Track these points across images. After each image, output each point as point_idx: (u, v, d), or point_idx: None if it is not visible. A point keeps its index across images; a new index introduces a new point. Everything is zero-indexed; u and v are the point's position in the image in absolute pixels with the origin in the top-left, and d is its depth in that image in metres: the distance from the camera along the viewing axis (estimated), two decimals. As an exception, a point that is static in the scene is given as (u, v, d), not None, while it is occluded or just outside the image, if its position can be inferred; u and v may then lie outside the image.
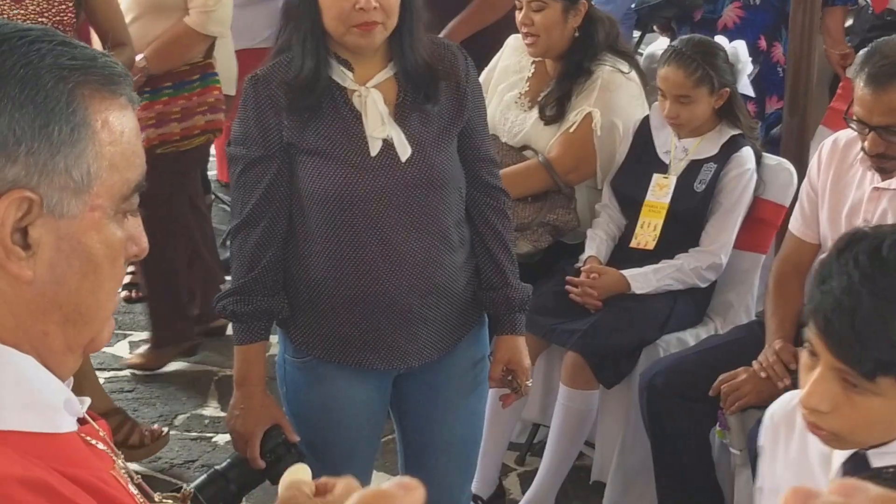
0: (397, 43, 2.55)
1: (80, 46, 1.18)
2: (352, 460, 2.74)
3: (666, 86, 3.60)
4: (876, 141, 2.98)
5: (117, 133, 1.17)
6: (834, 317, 1.63)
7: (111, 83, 1.18)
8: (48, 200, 1.13)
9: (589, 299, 3.60)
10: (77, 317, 1.18)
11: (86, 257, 1.16)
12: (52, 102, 1.13)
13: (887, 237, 1.66)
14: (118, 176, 1.17)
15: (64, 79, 1.14)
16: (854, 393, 1.66)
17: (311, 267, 2.59)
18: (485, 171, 2.71)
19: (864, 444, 1.72)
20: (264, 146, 2.54)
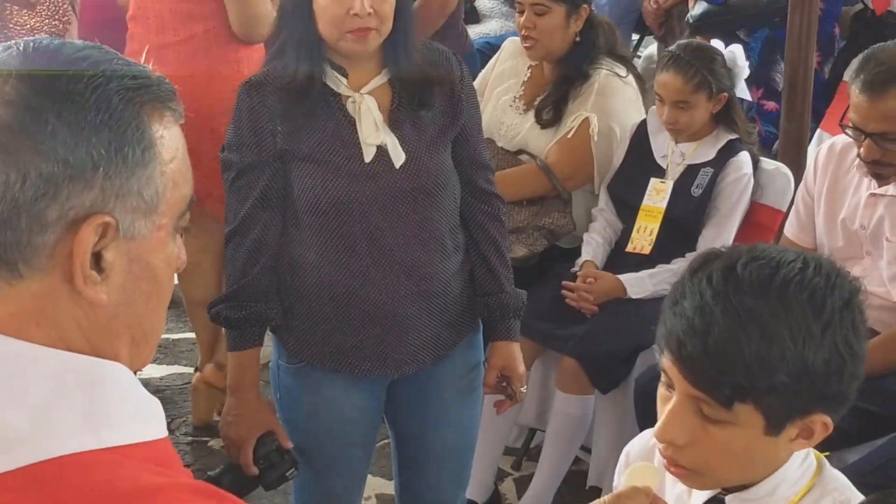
0: (391, 49, 2.54)
1: (132, 64, 1.19)
2: (345, 466, 2.74)
3: (664, 91, 3.59)
4: (871, 148, 2.97)
5: (174, 150, 1.18)
6: (686, 339, 1.49)
7: (166, 100, 1.18)
8: (122, 223, 1.13)
9: (585, 304, 3.59)
10: (142, 337, 1.19)
11: (153, 277, 1.17)
12: (124, 125, 1.13)
13: (742, 255, 1.53)
14: (178, 193, 1.18)
15: (130, 100, 1.14)
16: (711, 424, 1.52)
17: (305, 273, 2.58)
18: (479, 177, 2.70)
19: (725, 482, 1.61)
20: (258, 152, 2.53)
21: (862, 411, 2.96)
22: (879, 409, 3.01)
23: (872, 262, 3.15)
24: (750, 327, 1.46)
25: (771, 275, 1.50)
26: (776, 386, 1.47)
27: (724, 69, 3.60)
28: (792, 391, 1.48)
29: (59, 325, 1.13)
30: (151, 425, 1.15)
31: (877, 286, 3.12)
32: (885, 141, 2.96)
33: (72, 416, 1.09)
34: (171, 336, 4.95)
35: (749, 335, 1.46)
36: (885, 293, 3.11)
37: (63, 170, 1.10)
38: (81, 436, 1.08)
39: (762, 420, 1.51)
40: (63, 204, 1.10)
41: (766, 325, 1.47)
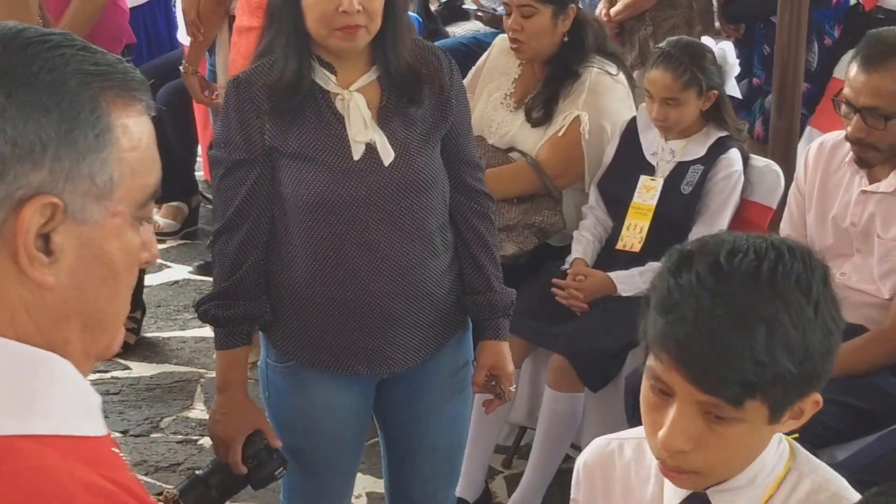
0: (380, 46, 2.53)
1: (99, 52, 1.18)
2: (335, 465, 2.73)
3: (654, 88, 3.59)
4: (859, 125, 2.99)
5: (136, 139, 1.17)
6: (692, 343, 1.45)
7: (131, 89, 1.18)
8: (72, 206, 1.13)
9: (575, 302, 3.58)
10: (95, 323, 1.18)
11: (106, 264, 1.17)
12: (77, 108, 1.13)
13: (720, 248, 1.50)
14: (138, 182, 1.17)
15: (88, 84, 1.14)
16: (719, 425, 1.50)
17: (294, 271, 2.57)
18: (469, 175, 2.69)
19: (726, 478, 1.60)
20: (246, 149, 2.52)
21: (852, 408, 2.97)
22: (869, 406, 3.02)
23: (862, 259, 3.16)
24: (754, 322, 1.45)
25: (757, 266, 1.49)
26: (784, 375, 1.46)
27: (714, 66, 3.59)
28: (797, 377, 1.48)
29: (6, 306, 1.13)
30: (83, 421, 1.14)
31: (867, 284, 3.12)
32: (873, 117, 2.98)
33: (1, 401, 1.09)
34: (161, 335, 4.94)
35: (754, 329, 1.45)
36: (875, 290, 3.11)
37: (11, 150, 1.10)
38: (6, 420, 1.08)
39: (766, 411, 1.51)
40: (10, 184, 1.10)
41: (768, 317, 1.46)
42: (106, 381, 4.56)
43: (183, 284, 5.44)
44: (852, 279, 3.15)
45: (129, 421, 4.26)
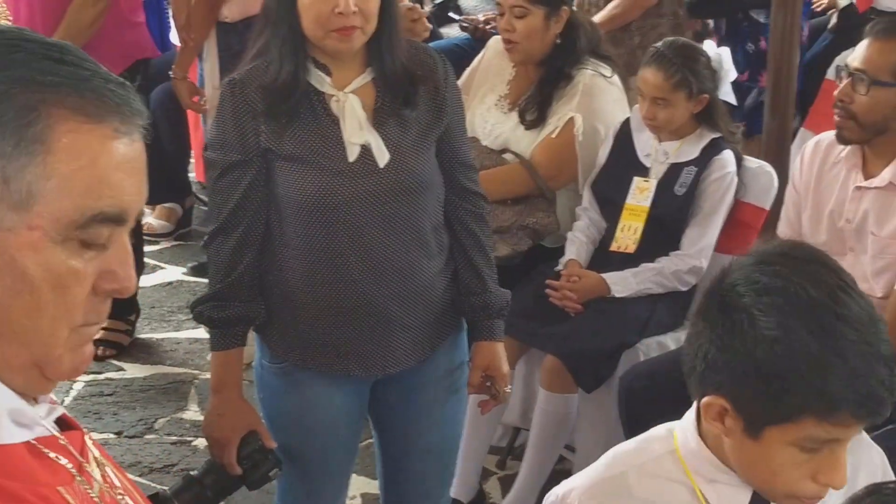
0: (376, 48, 2.53)
1: (80, 67, 1.14)
2: (329, 466, 2.73)
3: (645, 87, 3.60)
4: (846, 87, 3.06)
5: (85, 159, 1.12)
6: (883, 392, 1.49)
7: (96, 108, 1.13)
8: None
9: (569, 303, 3.59)
10: (10, 334, 1.14)
11: (19, 276, 1.12)
12: (3, 110, 1.10)
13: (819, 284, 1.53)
14: (69, 201, 1.12)
15: (30, 92, 1.11)
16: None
17: (289, 272, 2.57)
18: (463, 177, 2.69)
19: None
20: (241, 151, 2.52)
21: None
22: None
23: (855, 257, 3.17)
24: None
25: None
26: None
27: (708, 70, 3.59)
28: None
29: None
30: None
31: (860, 282, 3.10)
32: (857, 81, 3.04)
33: None
34: (155, 336, 4.94)
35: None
36: (868, 289, 3.12)
37: None
38: None
39: None
40: None
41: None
42: (100, 381, 4.56)
43: (177, 286, 5.44)
44: None
45: (124, 422, 4.26)
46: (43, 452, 1.17)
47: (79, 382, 4.50)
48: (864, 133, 3.08)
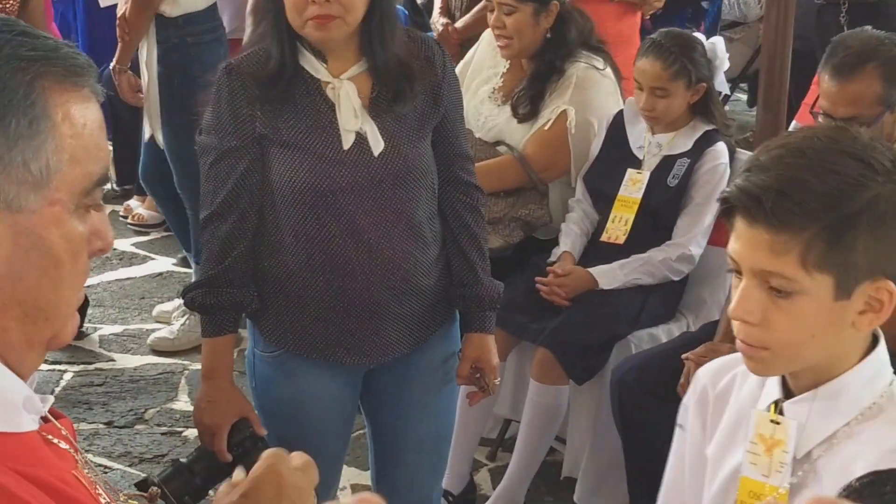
0: (367, 38, 2.52)
1: (41, 37, 1.15)
2: (321, 455, 2.67)
3: (643, 78, 3.59)
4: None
5: (79, 126, 1.15)
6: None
7: (73, 75, 1.15)
8: (5, 195, 1.10)
9: (556, 298, 3.58)
10: (37, 313, 1.16)
11: (46, 252, 1.14)
12: (9, 94, 1.11)
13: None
14: (79, 170, 1.15)
15: (23, 70, 1.11)
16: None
17: (282, 260, 2.56)
18: (459, 167, 2.69)
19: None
20: (237, 136, 2.51)
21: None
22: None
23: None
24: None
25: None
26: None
27: (704, 59, 3.59)
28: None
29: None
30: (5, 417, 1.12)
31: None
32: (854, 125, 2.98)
33: None
34: (144, 326, 4.93)
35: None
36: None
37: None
38: None
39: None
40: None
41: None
42: (90, 372, 4.55)
43: (167, 276, 5.43)
44: None
45: (114, 412, 4.25)
46: (48, 439, 1.18)
47: (68, 373, 4.49)
48: None
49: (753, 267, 1.58)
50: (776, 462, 1.65)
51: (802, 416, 1.64)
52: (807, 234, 1.53)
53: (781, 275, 1.55)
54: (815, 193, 1.52)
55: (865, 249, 1.54)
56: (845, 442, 1.61)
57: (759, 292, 1.58)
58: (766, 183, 1.55)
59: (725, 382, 1.81)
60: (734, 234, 1.60)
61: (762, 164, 1.58)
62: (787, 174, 1.54)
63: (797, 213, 1.52)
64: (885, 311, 1.58)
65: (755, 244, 1.57)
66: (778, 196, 1.53)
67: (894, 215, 1.55)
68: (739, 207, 1.58)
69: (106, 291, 5.22)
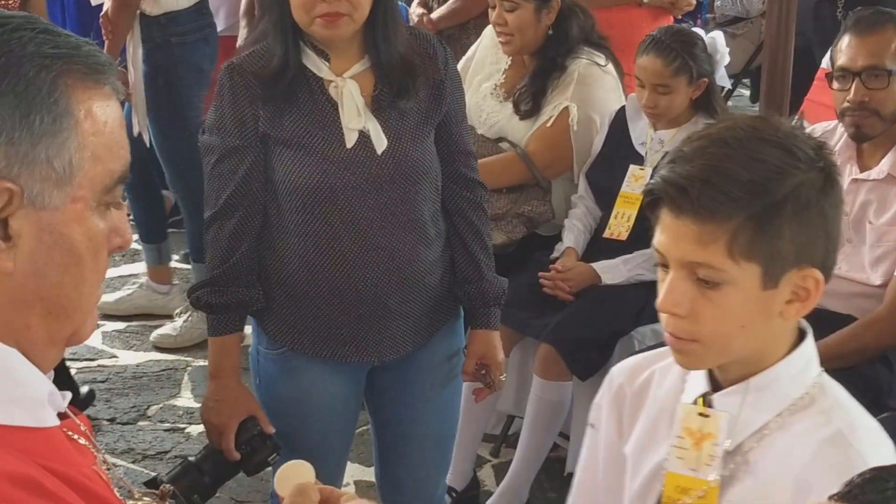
0: (371, 35, 2.52)
1: (63, 34, 1.16)
2: (325, 452, 2.73)
3: (644, 75, 3.59)
4: (859, 88, 3.02)
5: (101, 123, 1.15)
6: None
7: (95, 72, 1.16)
8: (29, 191, 1.11)
9: (560, 292, 3.59)
10: (59, 310, 1.17)
11: (68, 249, 1.15)
12: (33, 92, 1.11)
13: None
14: (101, 167, 1.15)
15: (46, 67, 1.12)
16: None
17: (286, 258, 2.57)
18: (462, 164, 2.69)
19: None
20: (240, 136, 2.51)
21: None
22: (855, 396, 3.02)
23: (853, 248, 3.17)
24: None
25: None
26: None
27: (705, 54, 3.59)
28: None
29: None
30: (20, 411, 1.12)
31: (857, 272, 3.14)
32: (872, 78, 3.02)
33: None
34: (148, 323, 4.93)
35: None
36: (865, 279, 3.13)
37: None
38: None
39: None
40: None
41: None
42: (93, 369, 4.55)
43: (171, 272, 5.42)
44: (842, 268, 3.17)
45: (117, 409, 4.26)
46: (68, 435, 1.19)
47: (71, 369, 4.49)
48: (884, 125, 3.08)
49: (681, 258, 1.56)
50: (705, 455, 1.64)
51: (733, 409, 1.63)
52: (733, 223, 1.52)
53: (709, 265, 1.54)
54: (739, 182, 1.52)
55: (791, 237, 1.54)
56: (777, 433, 1.61)
57: (686, 284, 1.56)
58: (690, 173, 1.54)
59: (643, 379, 1.80)
60: (659, 226, 1.59)
61: (686, 154, 1.57)
62: (712, 163, 1.53)
63: (723, 202, 1.51)
64: (812, 300, 1.59)
65: (682, 235, 1.55)
66: (703, 185, 1.52)
67: (817, 202, 1.55)
68: (665, 199, 1.56)
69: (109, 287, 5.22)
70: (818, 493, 1.53)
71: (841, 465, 1.52)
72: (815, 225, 1.56)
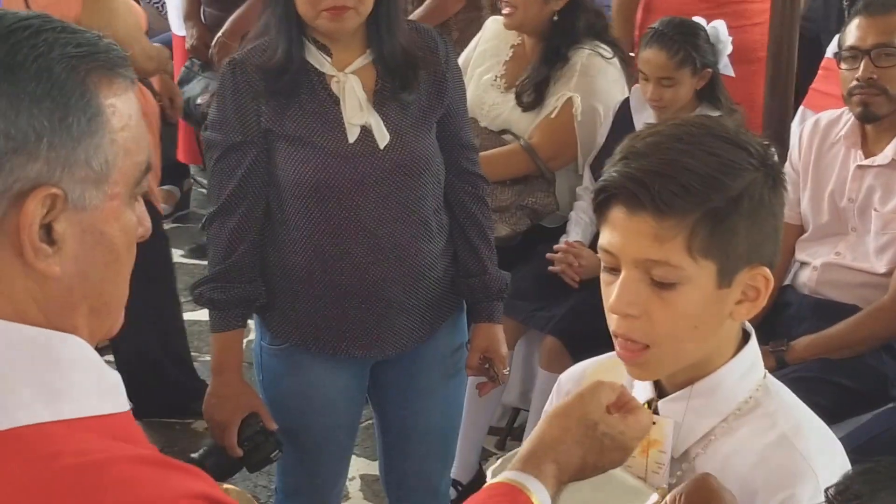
0: (374, 29, 2.52)
1: (79, 31, 1.16)
2: (329, 447, 2.73)
3: (648, 68, 3.57)
4: (868, 66, 3.02)
5: (126, 117, 1.16)
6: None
7: (115, 66, 1.17)
8: (71, 194, 1.12)
9: (569, 269, 3.57)
10: (102, 306, 1.18)
11: (108, 247, 1.16)
12: (67, 94, 1.12)
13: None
14: (130, 160, 1.16)
15: (75, 68, 1.13)
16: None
17: (289, 254, 2.56)
18: (464, 158, 2.68)
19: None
20: (242, 132, 2.51)
21: (843, 388, 2.97)
22: (860, 387, 3.02)
23: (858, 237, 3.16)
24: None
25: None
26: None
27: (708, 44, 3.57)
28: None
29: (14, 300, 1.12)
30: (108, 399, 1.14)
31: (862, 261, 3.13)
32: (882, 56, 3.03)
33: (25, 389, 1.09)
34: (152, 318, 4.91)
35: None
36: (869, 268, 3.12)
37: (6, 143, 1.09)
38: (33, 408, 1.08)
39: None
40: (7, 177, 1.09)
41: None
42: (99, 364, 4.54)
43: (176, 268, 5.42)
44: (847, 258, 3.16)
45: (122, 405, 4.25)
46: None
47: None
48: (891, 105, 3.07)
49: (637, 257, 1.50)
50: (652, 463, 1.60)
51: (678, 415, 1.59)
52: (691, 219, 1.48)
53: (667, 262, 1.49)
54: (698, 176, 1.48)
55: (746, 234, 1.51)
56: (723, 439, 1.58)
57: (640, 284, 1.50)
58: (648, 167, 1.49)
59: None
60: (608, 226, 1.53)
61: (639, 150, 1.52)
62: (669, 158, 1.49)
63: (682, 197, 1.47)
64: (761, 300, 1.55)
65: (638, 233, 1.50)
66: (663, 180, 1.47)
67: (769, 199, 1.53)
68: (620, 196, 1.51)
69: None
70: (763, 497, 1.52)
71: (784, 468, 1.52)
72: (767, 223, 1.54)
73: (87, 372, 1.13)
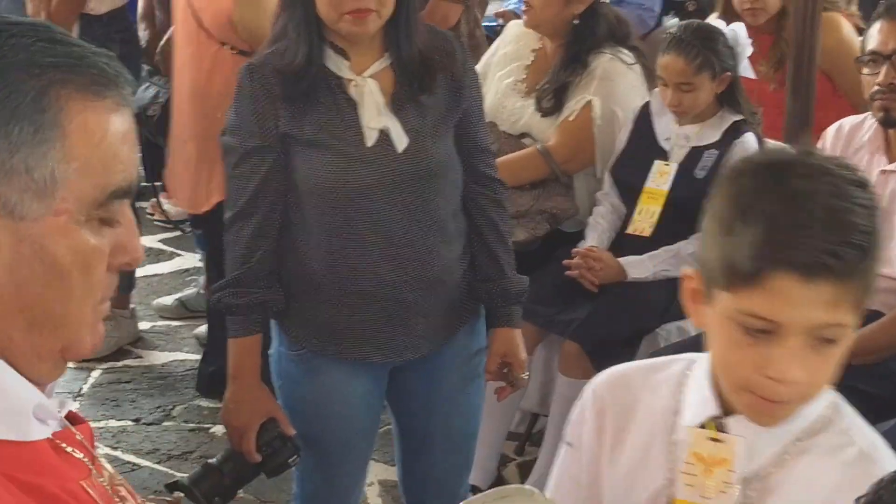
0: (393, 33, 2.51)
1: (69, 44, 1.14)
2: (348, 453, 2.72)
3: (667, 73, 3.55)
4: (889, 71, 3.01)
5: (96, 137, 1.13)
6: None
7: (97, 84, 1.13)
8: (6, 201, 1.09)
9: (587, 273, 3.55)
10: (43, 323, 1.14)
11: (50, 263, 1.12)
12: (15, 100, 1.09)
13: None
14: (90, 181, 1.12)
15: (37, 76, 1.10)
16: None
17: (307, 259, 2.56)
18: (481, 162, 2.67)
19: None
20: (260, 136, 2.50)
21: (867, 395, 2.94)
22: (885, 393, 2.99)
23: (881, 241, 3.13)
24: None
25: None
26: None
27: (727, 48, 3.55)
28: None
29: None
30: (11, 425, 1.11)
31: (885, 267, 3.09)
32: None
33: None
34: (172, 323, 4.94)
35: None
36: (892, 273, 3.08)
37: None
38: None
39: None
40: None
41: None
42: (118, 369, 4.56)
43: (193, 272, 5.44)
44: None
45: (142, 409, 4.26)
46: (61, 447, 1.17)
47: (97, 370, 4.50)
48: None
49: (808, 324, 1.43)
50: (719, 482, 1.55)
51: (750, 434, 1.55)
52: (867, 277, 1.44)
53: (838, 324, 1.44)
54: (868, 235, 1.42)
55: (874, 276, 1.47)
56: (800, 457, 1.55)
57: (806, 350, 1.45)
58: (824, 233, 1.41)
59: (630, 395, 1.70)
60: (767, 294, 1.42)
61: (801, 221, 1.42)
62: (838, 220, 1.41)
63: (862, 260, 1.42)
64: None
65: (814, 301, 1.42)
66: (845, 247, 1.40)
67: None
68: (791, 265, 1.41)
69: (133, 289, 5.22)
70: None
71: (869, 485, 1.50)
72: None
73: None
